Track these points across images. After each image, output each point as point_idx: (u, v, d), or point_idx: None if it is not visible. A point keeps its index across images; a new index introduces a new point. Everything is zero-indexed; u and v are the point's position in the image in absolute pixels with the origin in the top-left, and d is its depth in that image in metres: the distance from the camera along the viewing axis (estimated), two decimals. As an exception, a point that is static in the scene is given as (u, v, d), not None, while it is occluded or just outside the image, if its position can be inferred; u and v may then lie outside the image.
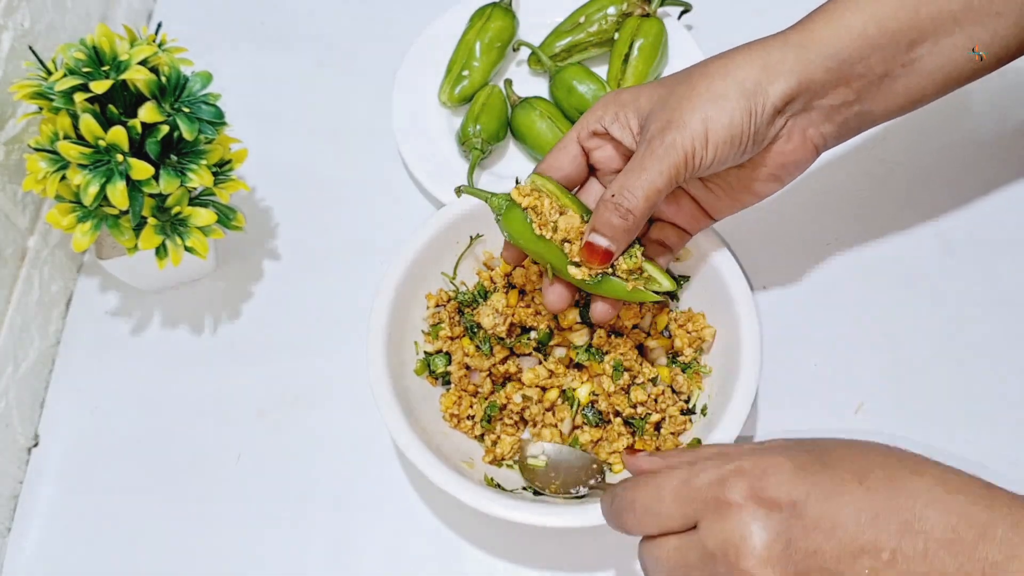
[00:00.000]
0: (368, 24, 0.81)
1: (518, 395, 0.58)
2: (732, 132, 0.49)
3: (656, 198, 0.50)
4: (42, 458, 0.63)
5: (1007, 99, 0.73)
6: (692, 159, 0.49)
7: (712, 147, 0.49)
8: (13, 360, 0.62)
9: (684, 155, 0.49)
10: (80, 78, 0.54)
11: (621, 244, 0.51)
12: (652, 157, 0.49)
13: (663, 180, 0.49)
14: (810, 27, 0.51)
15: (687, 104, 0.49)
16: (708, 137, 0.49)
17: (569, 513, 0.51)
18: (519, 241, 0.53)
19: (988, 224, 0.68)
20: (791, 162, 0.53)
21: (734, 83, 0.49)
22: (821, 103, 0.51)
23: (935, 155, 0.71)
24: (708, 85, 0.50)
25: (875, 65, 0.50)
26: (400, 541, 0.59)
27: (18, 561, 0.60)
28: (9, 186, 0.62)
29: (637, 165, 0.50)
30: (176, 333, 0.67)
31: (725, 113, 0.49)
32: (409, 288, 0.60)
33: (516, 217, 0.53)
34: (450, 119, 0.75)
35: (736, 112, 0.49)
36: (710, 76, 0.50)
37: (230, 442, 0.63)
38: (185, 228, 0.59)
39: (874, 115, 0.53)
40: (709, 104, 0.49)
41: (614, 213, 0.50)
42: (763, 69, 0.49)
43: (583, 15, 0.75)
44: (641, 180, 0.49)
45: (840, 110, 0.52)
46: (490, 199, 0.54)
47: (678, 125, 0.49)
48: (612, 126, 0.53)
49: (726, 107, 0.49)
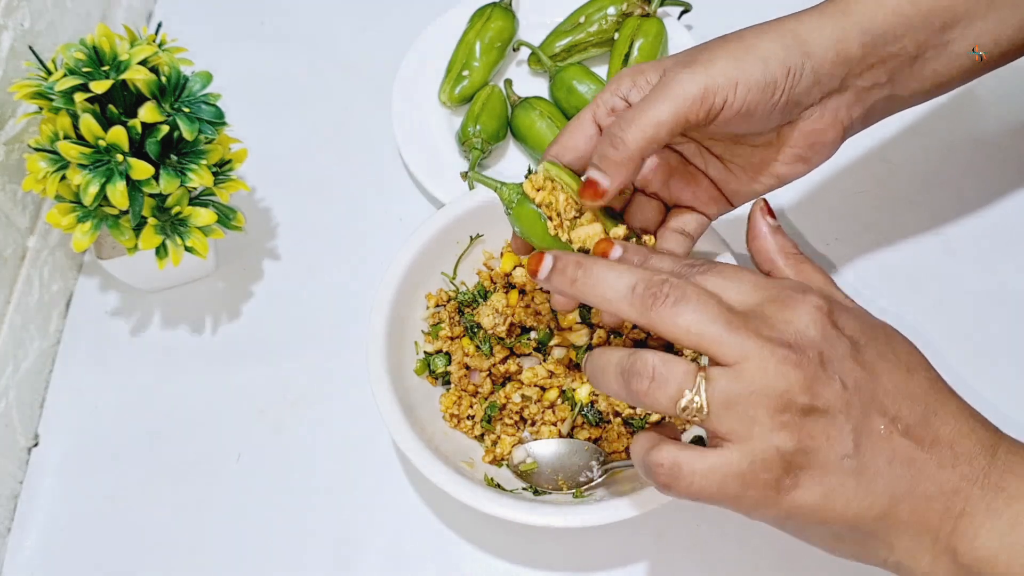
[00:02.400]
0: (368, 24, 0.81)
1: (517, 395, 0.58)
2: (767, 79, 0.45)
3: (655, 132, 0.45)
4: (42, 458, 0.63)
5: (1009, 99, 0.73)
6: (713, 97, 0.45)
7: (743, 88, 0.45)
8: (13, 360, 0.62)
9: (702, 89, 0.45)
10: (80, 78, 0.54)
11: (613, 179, 0.46)
12: (660, 88, 0.45)
13: (667, 112, 0.45)
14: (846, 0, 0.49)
15: (718, 49, 0.46)
16: (738, 79, 0.45)
17: (569, 513, 0.51)
18: (530, 238, 0.50)
19: (989, 225, 0.68)
20: (820, 142, 0.50)
21: (773, 39, 0.46)
22: (856, 83, 0.49)
23: (936, 155, 0.71)
24: (740, 37, 0.47)
25: (909, 46, 0.49)
26: (400, 541, 0.59)
27: (18, 561, 0.60)
28: (9, 186, 0.62)
29: (644, 99, 0.46)
30: (176, 333, 0.67)
31: (760, 60, 0.45)
32: (409, 288, 0.60)
33: (528, 213, 0.49)
34: (450, 119, 0.75)
35: (773, 63, 0.45)
36: (745, 39, 0.47)
37: (230, 442, 0.63)
38: (185, 228, 0.59)
39: (902, 99, 0.52)
40: (743, 51, 0.46)
41: (607, 142, 0.46)
42: (800, 37, 0.47)
43: (583, 15, 0.75)
44: (640, 109, 0.45)
45: (871, 92, 0.50)
46: (500, 189, 0.50)
47: (702, 62, 0.45)
48: (631, 93, 0.49)
49: (763, 55, 0.45)
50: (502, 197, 0.50)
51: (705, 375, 0.39)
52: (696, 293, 0.40)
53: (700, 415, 0.39)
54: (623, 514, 0.50)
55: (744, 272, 0.43)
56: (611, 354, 0.42)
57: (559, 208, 0.49)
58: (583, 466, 0.56)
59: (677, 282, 0.40)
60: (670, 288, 0.40)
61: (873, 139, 0.72)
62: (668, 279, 0.40)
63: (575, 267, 0.43)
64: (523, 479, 0.57)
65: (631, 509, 0.50)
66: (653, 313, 0.40)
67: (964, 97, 0.73)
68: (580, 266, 0.42)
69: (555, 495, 0.56)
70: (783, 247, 0.47)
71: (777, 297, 0.41)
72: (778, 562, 0.56)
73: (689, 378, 0.39)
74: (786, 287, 0.42)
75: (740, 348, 0.38)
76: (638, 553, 0.58)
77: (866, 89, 0.50)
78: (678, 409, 0.39)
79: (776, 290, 0.41)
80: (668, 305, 0.39)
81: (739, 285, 0.42)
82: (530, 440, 0.59)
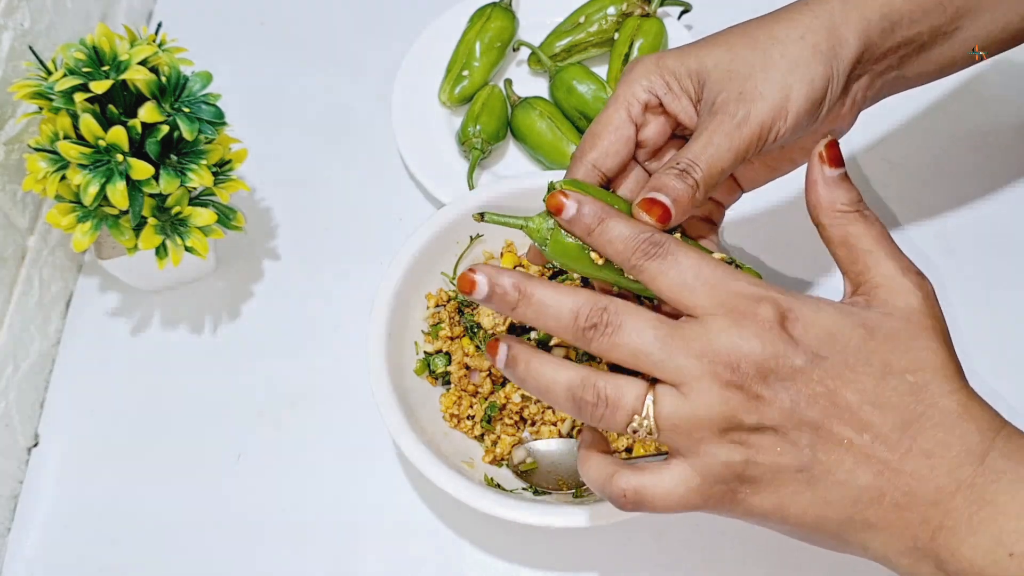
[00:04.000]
0: (368, 24, 0.81)
1: (517, 395, 0.58)
2: (813, 99, 0.46)
3: (722, 173, 0.45)
4: (42, 458, 0.63)
5: (1009, 99, 0.73)
6: (768, 132, 0.45)
7: (793, 117, 0.45)
8: (13, 360, 0.62)
9: (760, 129, 0.45)
10: (80, 78, 0.54)
11: (680, 209, 0.44)
12: (721, 132, 0.45)
13: (730, 157, 0.45)
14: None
15: (761, 74, 0.45)
16: (789, 108, 0.45)
17: (569, 513, 0.51)
18: (576, 270, 0.44)
19: (989, 224, 0.68)
20: (839, 128, 0.50)
21: (809, 47, 0.46)
22: (872, 68, 0.49)
23: (936, 155, 0.71)
24: (783, 52, 0.46)
25: (924, 32, 0.49)
26: (400, 541, 0.59)
27: (18, 561, 0.60)
28: (9, 186, 0.62)
29: (705, 139, 0.45)
30: (176, 333, 0.67)
31: (806, 82, 0.45)
32: (409, 288, 0.60)
33: (567, 247, 0.43)
34: (450, 119, 0.75)
35: (817, 79, 0.45)
36: (780, 41, 0.46)
37: (230, 442, 0.63)
38: (185, 228, 0.59)
39: (907, 80, 0.52)
40: (788, 73, 0.45)
41: (677, 178, 0.44)
42: (832, 31, 0.46)
43: (583, 15, 0.75)
44: (707, 153, 0.44)
45: (883, 75, 0.50)
46: (526, 226, 0.44)
47: (753, 97, 0.45)
48: (665, 97, 0.47)
49: (807, 75, 0.45)
50: (533, 236, 0.44)
51: (654, 395, 0.39)
52: (634, 320, 0.40)
53: (651, 436, 0.40)
54: (623, 514, 0.50)
55: (703, 268, 0.40)
56: (558, 373, 0.41)
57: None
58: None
59: (616, 307, 0.40)
60: (609, 316, 0.40)
61: (873, 139, 0.72)
62: (607, 306, 0.40)
63: (525, 304, 0.42)
64: (523, 479, 0.57)
65: (631, 509, 0.50)
66: (595, 345, 0.40)
67: (965, 96, 0.73)
68: (525, 297, 0.42)
69: (555, 495, 0.56)
70: (831, 204, 0.42)
71: (729, 306, 0.39)
72: (778, 562, 0.56)
73: (639, 402, 0.39)
74: (742, 294, 0.39)
75: (682, 372, 0.39)
76: (638, 553, 0.58)
77: (879, 73, 0.50)
78: (629, 431, 0.40)
79: (730, 296, 0.40)
80: (608, 335, 0.40)
81: (694, 285, 0.40)
82: (530, 440, 0.59)
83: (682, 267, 0.40)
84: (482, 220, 0.45)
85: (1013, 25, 0.51)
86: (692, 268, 0.40)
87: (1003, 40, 0.52)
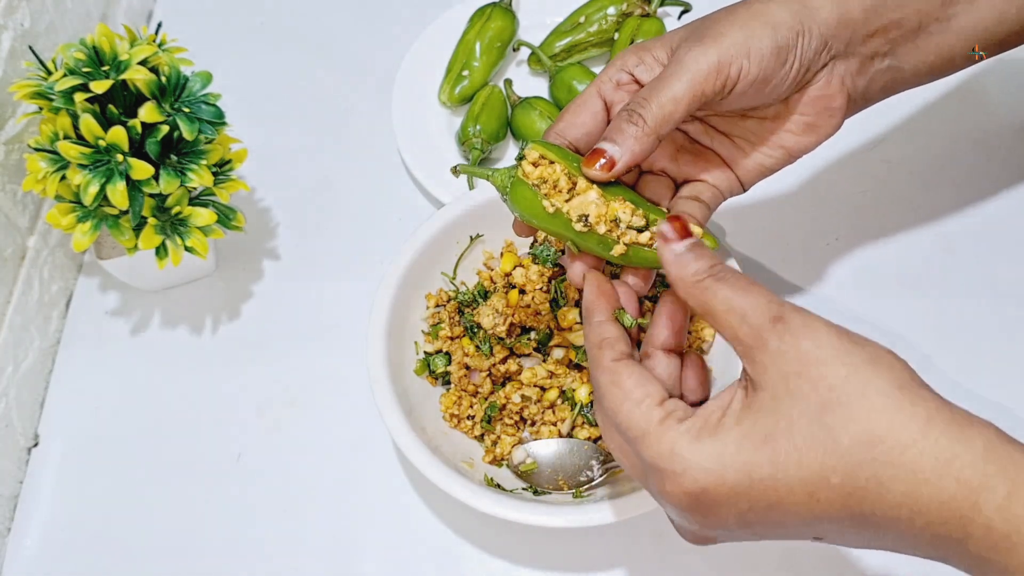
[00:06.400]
0: (368, 24, 0.82)
1: (517, 395, 0.58)
2: (778, 43, 0.45)
3: (674, 108, 0.45)
4: (42, 458, 0.63)
5: (1009, 99, 0.73)
6: (728, 68, 0.45)
7: (756, 56, 0.45)
8: (13, 360, 0.62)
9: (716, 61, 0.44)
10: (80, 78, 0.54)
11: (627, 153, 0.45)
12: (674, 64, 0.45)
13: (683, 88, 0.44)
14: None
15: (726, 20, 0.46)
16: (751, 47, 0.45)
17: (569, 513, 0.51)
18: (531, 219, 0.48)
19: (989, 224, 0.68)
20: (828, 108, 0.49)
21: (779, 4, 0.46)
22: (859, 50, 0.49)
23: (936, 155, 0.71)
24: (747, 5, 0.47)
25: (911, 15, 0.49)
26: (400, 541, 0.59)
27: (18, 561, 0.60)
28: (9, 186, 0.62)
29: (659, 78, 0.46)
30: (176, 333, 0.67)
31: (769, 25, 0.45)
32: (409, 288, 0.60)
33: (525, 195, 0.47)
34: (450, 119, 0.75)
35: (782, 27, 0.45)
36: (748, 3, 0.47)
37: (230, 442, 0.63)
38: (185, 228, 0.59)
39: (904, 74, 0.51)
40: (751, 19, 0.45)
41: (624, 117, 0.45)
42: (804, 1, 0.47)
43: (583, 15, 0.75)
44: (656, 87, 0.45)
45: (873, 62, 0.50)
46: (492, 176, 0.48)
47: (713, 36, 0.45)
48: (637, 69, 0.48)
49: (770, 20, 0.45)
50: (496, 184, 0.48)
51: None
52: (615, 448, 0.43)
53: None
54: (623, 514, 0.50)
55: (614, 443, 0.43)
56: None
57: (555, 179, 0.47)
58: (583, 466, 0.56)
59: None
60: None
61: (873, 139, 0.72)
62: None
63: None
64: (523, 479, 0.57)
65: (631, 509, 0.50)
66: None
67: (965, 96, 0.73)
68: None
69: (555, 495, 0.56)
70: (684, 279, 0.40)
71: (650, 472, 0.40)
72: (778, 562, 0.56)
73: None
74: (654, 466, 0.39)
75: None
76: (638, 553, 0.58)
77: (869, 58, 0.49)
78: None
79: (645, 468, 0.40)
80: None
81: (614, 450, 0.43)
82: (530, 440, 0.59)
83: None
84: (457, 174, 0.50)
85: (1009, 16, 0.51)
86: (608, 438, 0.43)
87: (1000, 33, 0.52)
